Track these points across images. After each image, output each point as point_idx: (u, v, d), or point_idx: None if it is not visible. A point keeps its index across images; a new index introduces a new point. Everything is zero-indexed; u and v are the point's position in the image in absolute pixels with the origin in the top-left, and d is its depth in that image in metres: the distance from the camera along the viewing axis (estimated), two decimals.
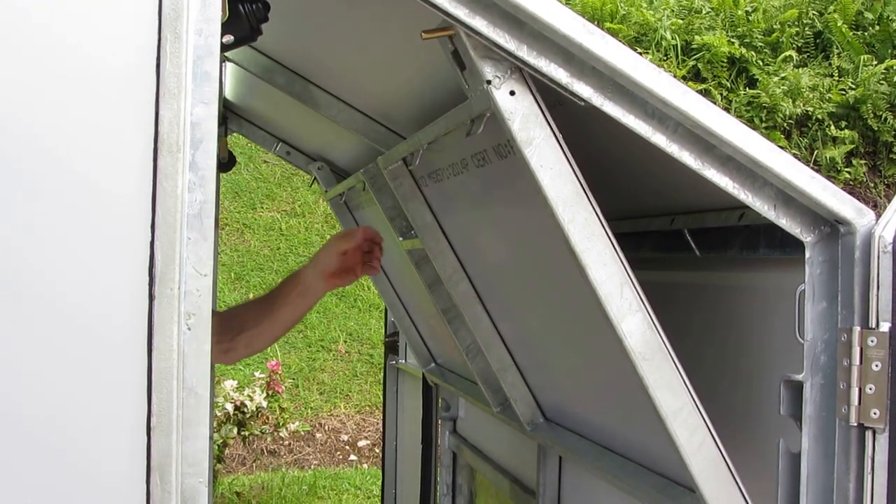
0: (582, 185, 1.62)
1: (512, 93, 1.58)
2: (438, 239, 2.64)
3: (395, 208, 2.96)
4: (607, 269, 1.60)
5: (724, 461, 1.64)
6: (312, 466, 7.28)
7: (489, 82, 1.57)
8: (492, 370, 2.69)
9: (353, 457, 7.47)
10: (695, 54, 9.39)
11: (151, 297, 1.40)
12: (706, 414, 1.64)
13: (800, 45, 9.63)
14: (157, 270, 1.40)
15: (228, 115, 3.92)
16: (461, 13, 1.51)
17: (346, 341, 9.00)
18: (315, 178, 3.93)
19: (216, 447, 6.57)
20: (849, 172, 8.97)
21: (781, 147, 1.59)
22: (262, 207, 9.74)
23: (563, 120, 1.91)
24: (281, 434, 7.16)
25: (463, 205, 2.45)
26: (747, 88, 9.27)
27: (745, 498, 1.64)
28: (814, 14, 9.71)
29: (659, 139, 1.59)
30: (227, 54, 2.72)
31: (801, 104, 9.09)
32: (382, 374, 5.13)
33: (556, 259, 1.85)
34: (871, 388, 1.53)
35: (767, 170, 1.56)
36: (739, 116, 8.65)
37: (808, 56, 9.61)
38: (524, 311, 2.51)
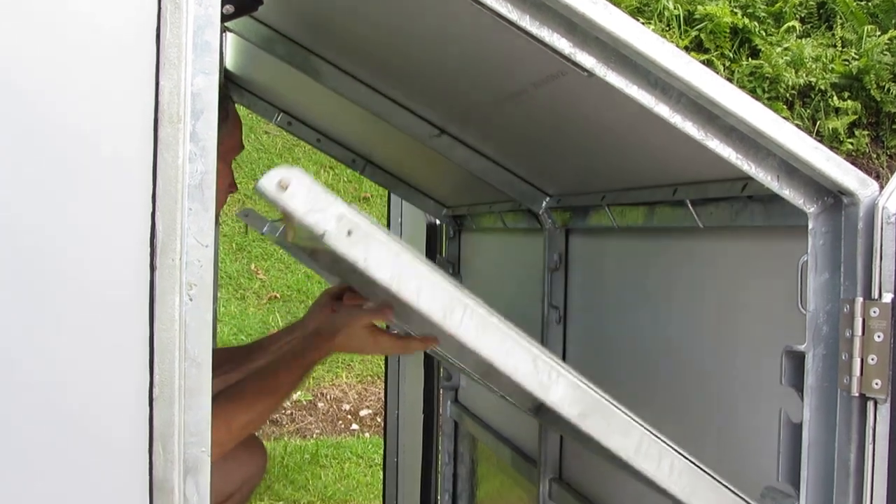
0: (455, 286, 1.57)
1: None
2: None
3: None
4: (514, 355, 1.56)
5: (702, 471, 1.64)
6: (314, 436, 7.30)
7: None
8: None
9: (354, 426, 7.50)
10: (697, 24, 9.34)
11: (153, 268, 1.40)
12: (661, 434, 1.65)
13: (803, 15, 9.58)
14: (159, 241, 1.40)
15: (229, 85, 3.90)
16: None
17: None
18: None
19: None
20: (851, 143, 8.94)
21: (784, 118, 1.58)
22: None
23: (564, 90, 1.91)
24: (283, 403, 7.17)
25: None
26: (750, 59, 9.23)
27: (735, 493, 1.66)
28: None
29: (662, 109, 1.58)
30: (227, 24, 2.70)
31: (804, 75, 9.05)
32: None
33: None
34: (872, 359, 1.53)
35: (771, 140, 1.56)
36: (742, 87, 8.61)
37: (812, 26, 9.56)
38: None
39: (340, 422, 7.52)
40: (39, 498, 1.40)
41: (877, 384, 1.53)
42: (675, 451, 1.64)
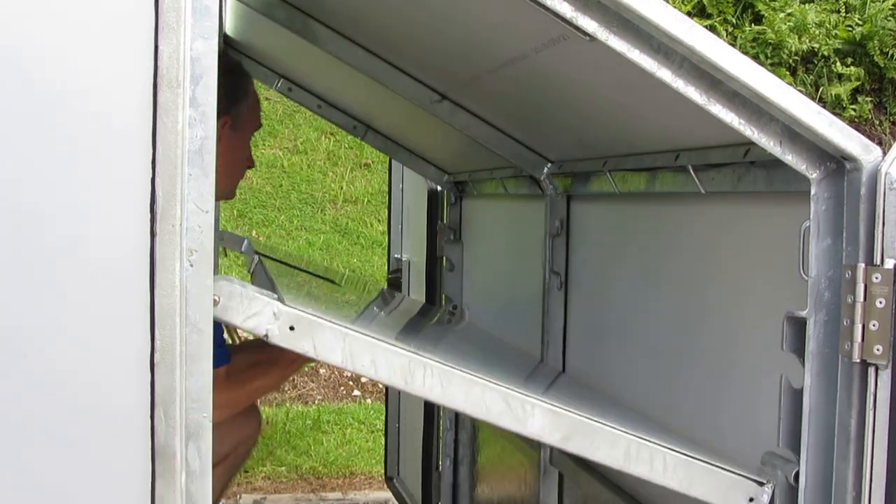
0: (410, 352, 1.58)
1: None
2: None
3: None
4: (484, 398, 1.59)
5: (697, 459, 1.66)
6: (316, 402, 7.33)
7: None
8: None
9: (356, 392, 7.52)
10: None
11: (153, 234, 1.40)
12: (645, 432, 1.67)
13: None
14: (159, 207, 1.40)
15: (229, 51, 3.88)
16: None
17: None
18: None
19: None
20: (854, 110, 8.91)
21: (787, 84, 1.57)
22: (265, 145, 9.70)
23: (565, 55, 1.89)
24: None
25: None
26: (753, 24, 9.18)
27: (732, 472, 1.67)
28: None
29: (664, 74, 1.57)
30: None
31: (807, 40, 9.01)
32: None
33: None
34: (874, 325, 1.53)
35: (774, 105, 1.55)
36: (745, 52, 8.56)
37: None
38: None
39: (342, 388, 7.55)
40: (42, 464, 1.41)
41: (878, 350, 1.53)
42: (666, 447, 1.65)
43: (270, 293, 1.56)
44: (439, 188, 4.12)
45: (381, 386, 7.43)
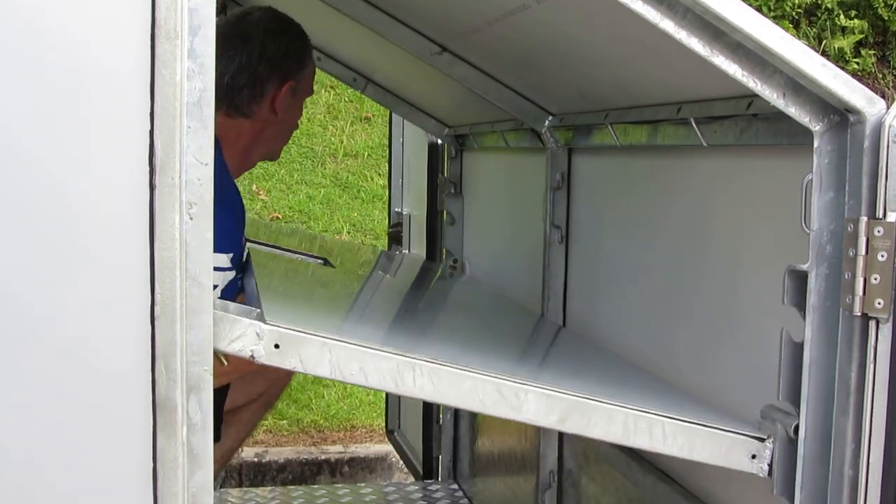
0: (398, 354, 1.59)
1: None
2: None
3: None
4: (476, 391, 1.60)
5: (695, 424, 1.67)
6: None
7: None
8: None
9: None
10: None
11: (152, 187, 1.39)
12: (639, 403, 1.67)
13: None
14: (158, 160, 1.39)
15: (228, 3, 3.85)
16: None
17: (349, 232, 9.01)
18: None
19: None
20: (857, 63, 8.85)
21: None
22: None
23: (567, 5, 1.88)
24: None
25: None
26: None
27: (733, 432, 1.68)
28: None
29: (667, 25, 1.56)
30: None
31: None
32: None
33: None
34: (875, 279, 1.52)
35: (778, 57, 1.53)
36: (748, 5, 8.50)
37: None
38: None
39: None
40: (42, 419, 1.41)
41: (879, 304, 1.52)
42: (664, 416, 1.66)
43: (253, 309, 1.57)
44: (440, 142, 4.10)
45: None
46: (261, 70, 2.65)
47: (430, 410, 4.26)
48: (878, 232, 1.52)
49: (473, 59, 2.83)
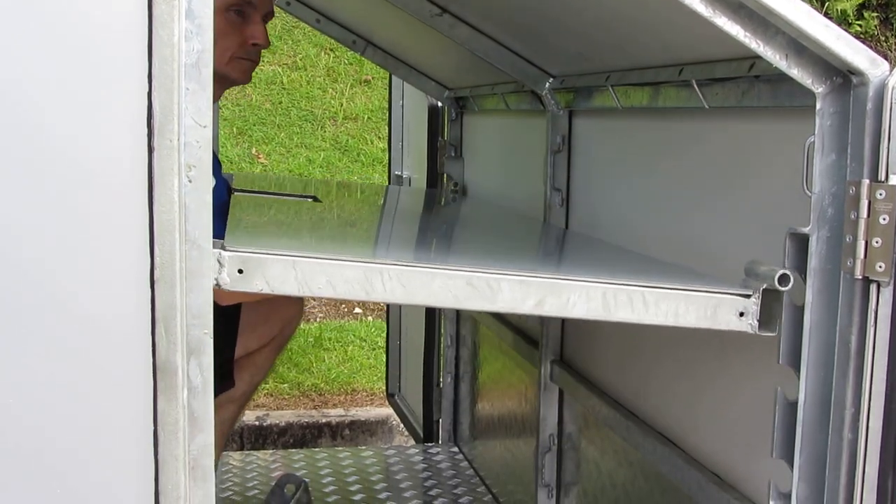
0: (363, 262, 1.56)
1: None
2: None
3: None
4: (448, 288, 1.57)
5: (676, 290, 1.63)
6: (318, 319, 7.36)
7: None
8: None
9: (357, 310, 7.56)
10: None
11: (151, 149, 1.38)
12: (620, 279, 1.64)
13: None
14: (156, 122, 1.38)
15: None
16: None
17: None
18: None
19: None
20: (860, 25, 8.80)
21: None
22: (263, 61, 9.60)
23: None
24: None
25: None
26: None
27: (717, 292, 1.64)
28: None
29: None
30: None
31: None
32: None
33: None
34: (877, 242, 1.52)
35: (780, 18, 1.52)
36: None
37: None
38: None
39: (343, 305, 7.58)
40: (43, 383, 1.41)
41: (880, 267, 1.52)
42: (643, 286, 1.62)
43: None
44: (440, 104, 4.09)
45: (381, 304, 7.47)
46: None
47: (430, 374, 4.27)
48: (880, 195, 1.51)
49: (473, 20, 2.82)
